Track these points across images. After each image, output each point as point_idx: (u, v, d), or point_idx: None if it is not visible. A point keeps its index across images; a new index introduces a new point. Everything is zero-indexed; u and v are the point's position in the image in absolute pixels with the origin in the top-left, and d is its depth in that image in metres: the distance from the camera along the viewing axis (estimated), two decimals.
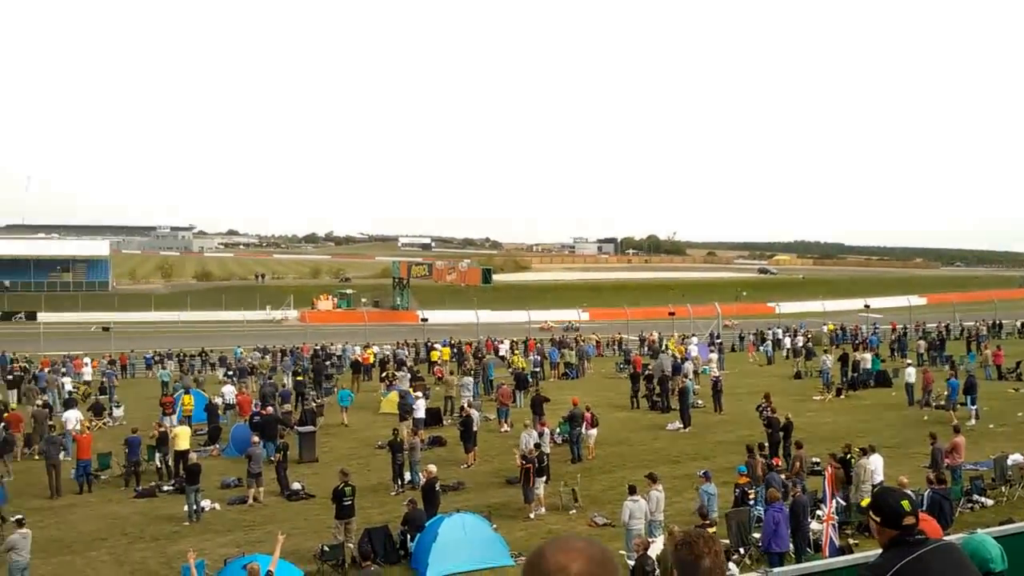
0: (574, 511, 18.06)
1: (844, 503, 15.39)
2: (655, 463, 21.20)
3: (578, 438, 22.98)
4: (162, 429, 23.07)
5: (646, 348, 48.18)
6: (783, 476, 16.51)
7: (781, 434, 21.21)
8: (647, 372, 32.54)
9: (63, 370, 38.13)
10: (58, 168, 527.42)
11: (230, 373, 37.16)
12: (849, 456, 17.19)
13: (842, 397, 31.80)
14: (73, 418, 24.81)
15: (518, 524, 17.32)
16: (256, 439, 20.98)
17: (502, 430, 27.13)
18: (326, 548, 14.99)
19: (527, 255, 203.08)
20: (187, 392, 29.51)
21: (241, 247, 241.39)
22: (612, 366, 43.80)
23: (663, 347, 45.18)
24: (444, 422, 28.40)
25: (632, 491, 14.86)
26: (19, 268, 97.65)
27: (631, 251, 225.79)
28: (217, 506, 19.55)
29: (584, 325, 64.27)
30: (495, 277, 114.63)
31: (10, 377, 36.87)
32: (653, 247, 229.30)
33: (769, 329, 53.52)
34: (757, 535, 14.37)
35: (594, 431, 23.18)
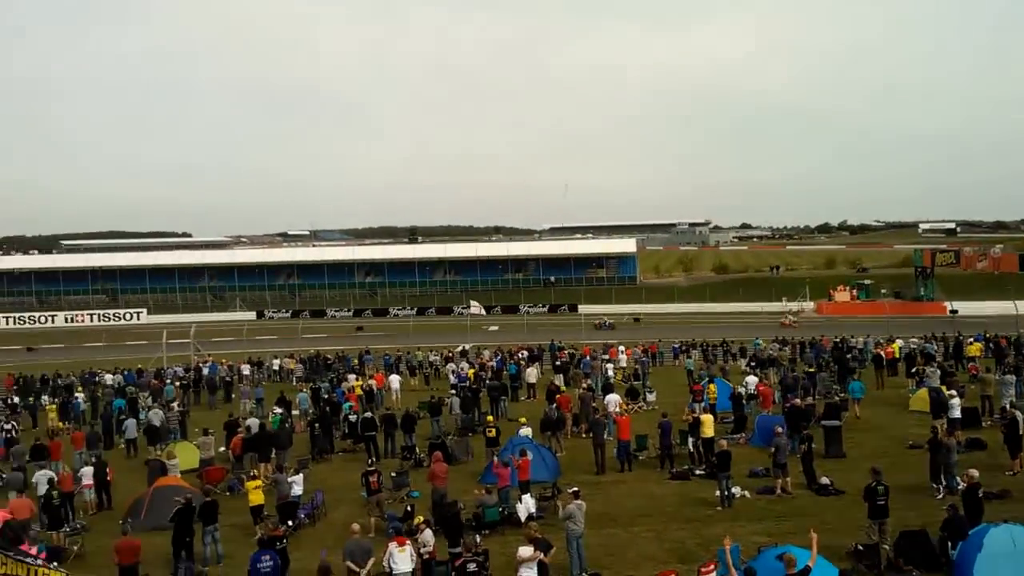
0: None
1: None
2: None
3: None
4: (694, 415, 24.61)
5: None
6: None
7: None
8: None
9: (603, 357, 42.16)
10: (589, 174, 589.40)
11: (752, 364, 38.13)
12: None
13: None
14: (613, 401, 27.36)
15: None
16: (780, 430, 21.29)
17: None
18: (860, 547, 14.87)
19: None
20: (711, 381, 31.05)
21: (754, 240, 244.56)
22: None
23: None
24: (983, 423, 25.93)
25: None
26: (562, 265, 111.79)
27: None
28: (747, 494, 20.13)
29: None
30: None
31: (558, 363, 41.83)
32: None
33: None
34: None
35: None
